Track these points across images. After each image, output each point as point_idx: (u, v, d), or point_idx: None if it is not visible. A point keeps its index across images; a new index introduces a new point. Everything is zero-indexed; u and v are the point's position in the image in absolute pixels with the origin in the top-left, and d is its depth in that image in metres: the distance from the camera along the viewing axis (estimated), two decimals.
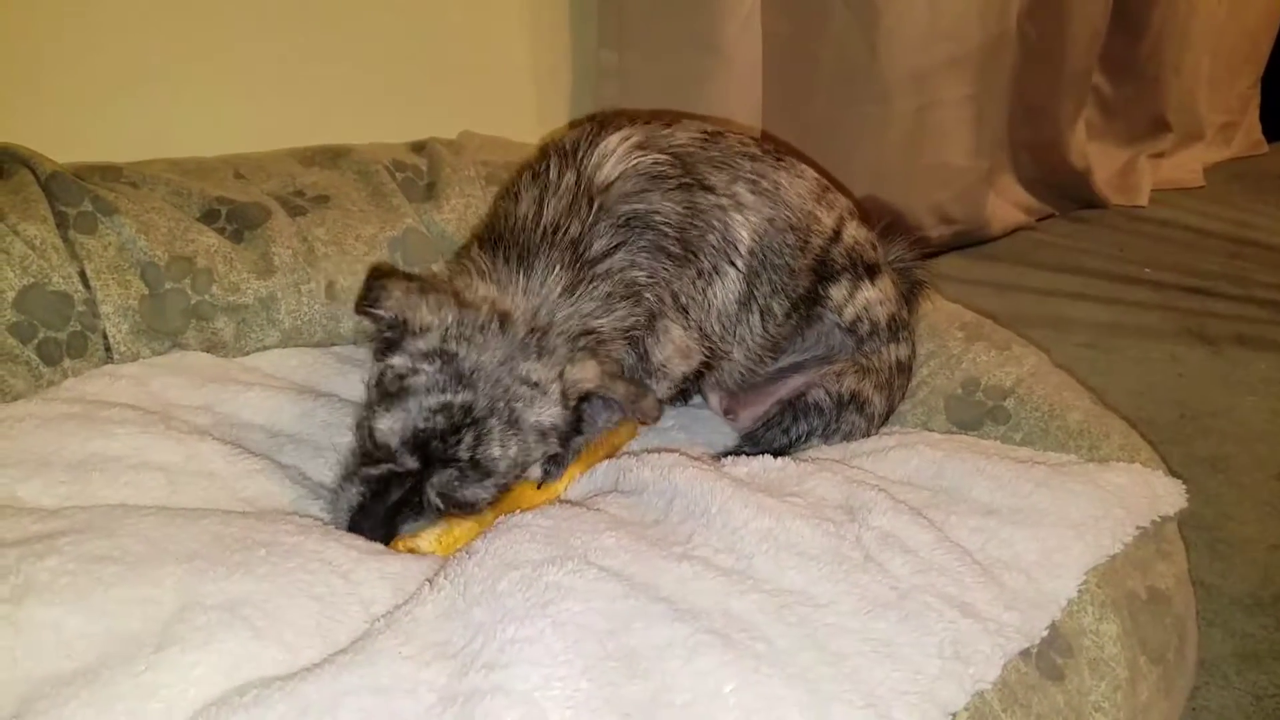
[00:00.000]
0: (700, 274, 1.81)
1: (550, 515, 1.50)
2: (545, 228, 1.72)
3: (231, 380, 1.87)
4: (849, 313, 1.93)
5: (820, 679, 1.20)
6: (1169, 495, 1.70)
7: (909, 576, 1.37)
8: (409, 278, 1.67)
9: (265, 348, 2.04)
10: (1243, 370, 3.46)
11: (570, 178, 1.76)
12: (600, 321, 1.71)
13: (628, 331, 1.75)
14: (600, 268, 1.71)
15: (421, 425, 1.51)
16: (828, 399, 1.89)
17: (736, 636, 1.23)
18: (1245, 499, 2.68)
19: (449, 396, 1.51)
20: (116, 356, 1.86)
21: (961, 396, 2.00)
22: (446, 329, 1.56)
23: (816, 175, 1.98)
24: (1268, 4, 5.73)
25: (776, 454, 1.78)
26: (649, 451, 1.75)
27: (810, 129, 3.60)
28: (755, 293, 1.86)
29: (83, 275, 1.85)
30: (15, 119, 2.17)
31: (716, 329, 1.86)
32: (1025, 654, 1.34)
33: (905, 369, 2.00)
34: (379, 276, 1.65)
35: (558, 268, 1.70)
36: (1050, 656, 1.36)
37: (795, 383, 1.96)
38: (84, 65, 2.28)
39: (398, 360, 1.55)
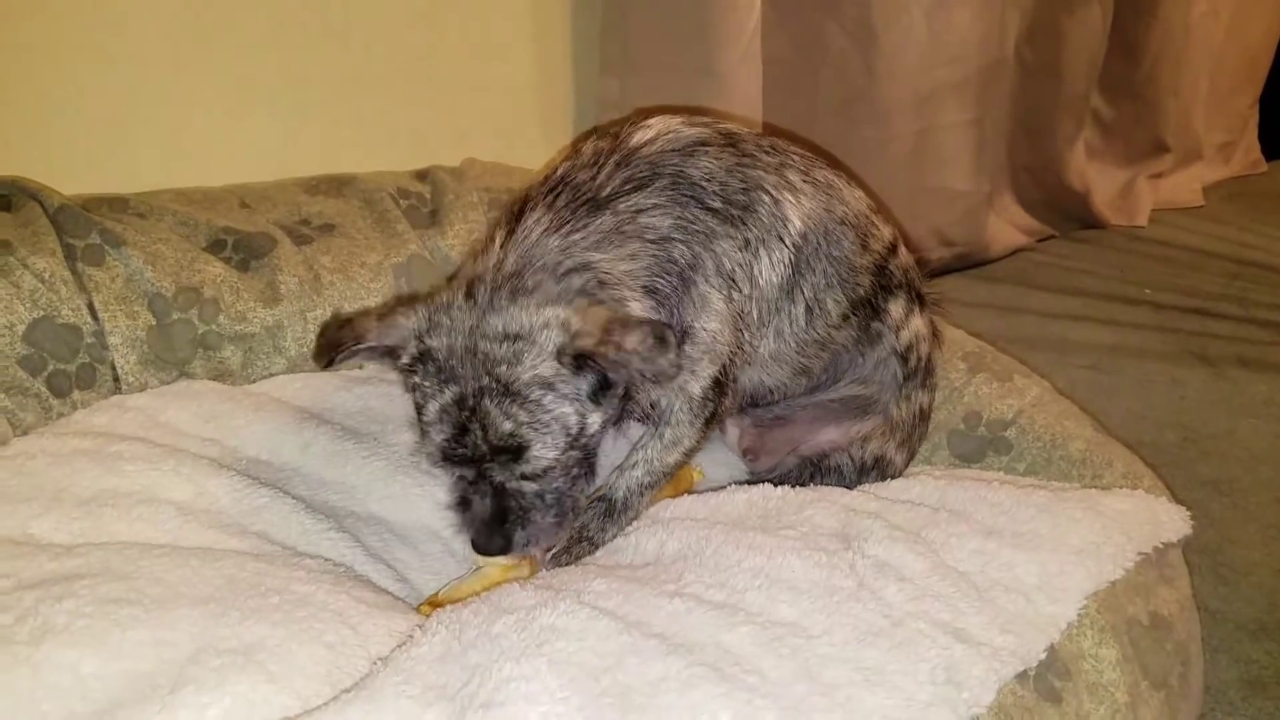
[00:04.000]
0: (748, 244, 1.58)
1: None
2: (552, 182, 1.55)
3: (237, 409, 1.88)
4: (905, 336, 1.81)
5: (813, 709, 1.21)
6: (1172, 522, 1.70)
7: (903, 604, 1.38)
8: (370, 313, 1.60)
9: (272, 375, 2.05)
10: (1244, 392, 3.46)
11: (603, 145, 1.61)
12: (599, 256, 1.47)
13: (644, 279, 1.50)
14: (607, 207, 1.50)
15: (439, 440, 1.43)
16: (850, 464, 1.83)
17: (729, 670, 1.23)
18: (1248, 523, 2.67)
19: (442, 398, 1.42)
20: (124, 387, 1.88)
21: (964, 431, 2.01)
22: (419, 329, 1.47)
23: (864, 195, 1.85)
24: (1266, 24, 5.77)
25: None
26: None
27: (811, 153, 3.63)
28: (803, 282, 1.66)
29: (91, 307, 1.87)
30: (24, 152, 2.19)
31: (754, 315, 1.64)
32: (1022, 677, 1.35)
33: (926, 417, 1.94)
34: (341, 326, 1.57)
35: (548, 211, 1.50)
36: (1048, 679, 1.36)
37: (822, 438, 1.87)
38: (91, 99, 2.30)
39: (407, 378, 1.49)
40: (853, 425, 1.86)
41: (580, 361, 1.40)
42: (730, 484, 1.81)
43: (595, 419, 1.46)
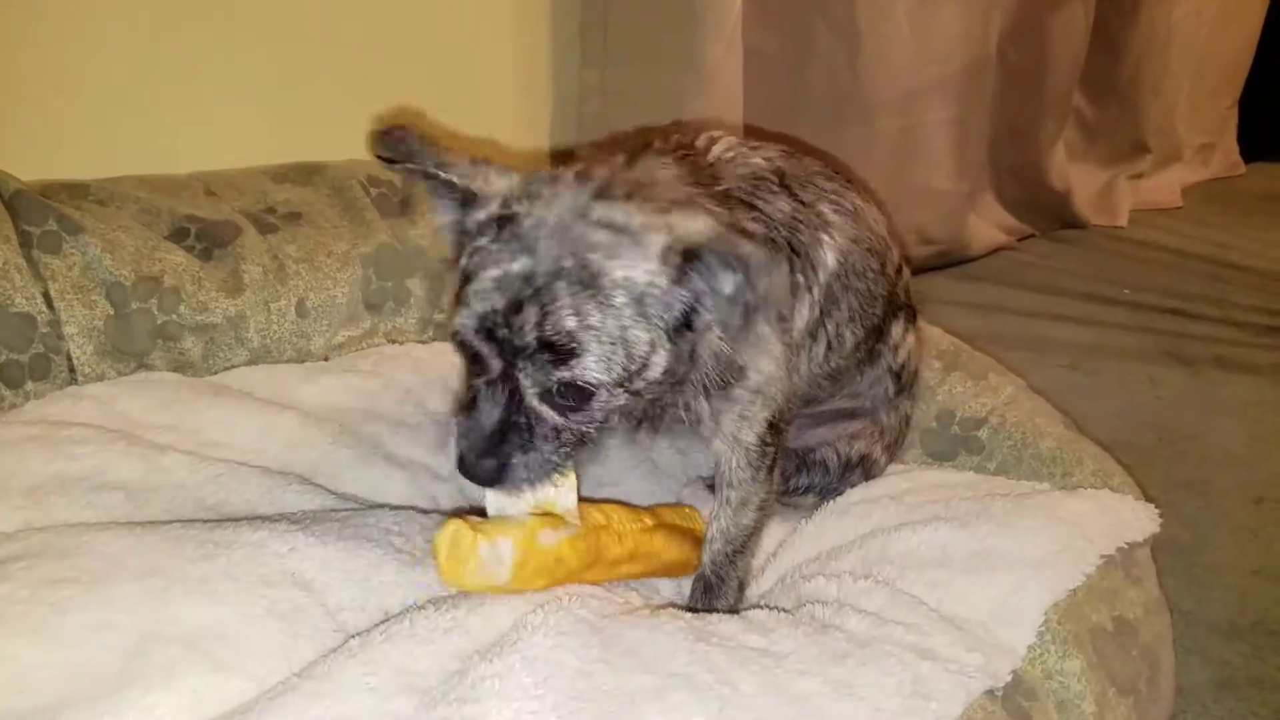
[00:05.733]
0: (796, 289, 1.55)
1: None
2: (667, 146, 1.52)
3: (197, 396, 1.84)
4: (901, 355, 1.83)
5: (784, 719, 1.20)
6: (1138, 521, 1.68)
7: (867, 630, 1.38)
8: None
9: (233, 367, 2.02)
10: (1221, 392, 3.47)
11: (685, 140, 1.57)
12: (720, 211, 1.37)
13: None
14: (722, 202, 1.43)
15: (481, 309, 1.24)
16: (835, 459, 1.82)
17: (702, 678, 1.23)
18: (1223, 523, 2.67)
19: (508, 266, 1.22)
20: (81, 378, 1.84)
21: (937, 430, 2.00)
22: (509, 193, 1.29)
23: (881, 212, 1.82)
24: (1246, 27, 5.80)
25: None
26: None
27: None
28: (827, 320, 1.63)
29: (46, 296, 1.82)
30: (10, 132, 2.14)
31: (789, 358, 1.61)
32: (991, 695, 1.33)
33: (909, 422, 1.95)
34: (423, 139, 1.34)
35: (677, 165, 1.44)
36: (1015, 699, 1.35)
37: (809, 437, 1.85)
38: (57, 82, 2.25)
39: (468, 243, 1.30)
40: (841, 425, 1.86)
41: (687, 261, 1.23)
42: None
43: (661, 359, 1.29)
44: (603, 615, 1.34)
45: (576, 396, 1.28)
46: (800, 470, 1.82)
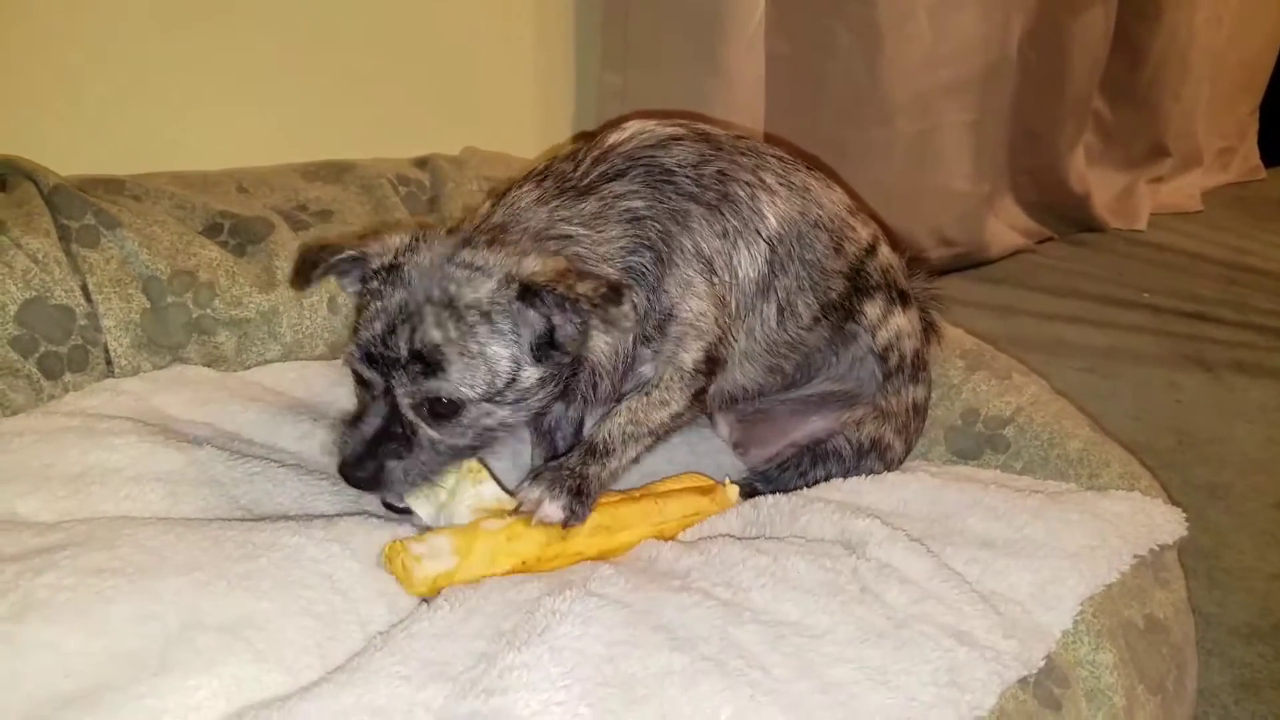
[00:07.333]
0: (725, 233, 1.63)
1: None
2: (538, 171, 1.67)
3: (232, 397, 1.86)
4: (882, 336, 1.82)
5: (815, 707, 1.20)
6: (1168, 524, 1.69)
7: (906, 606, 1.37)
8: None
9: (266, 361, 2.03)
10: (1240, 397, 3.47)
11: (582, 146, 1.70)
12: (579, 230, 1.56)
13: (621, 259, 1.57)
14: (591, 194, 1.59)
15: (364, 336, 1.46)
16: (848, 446, 1.83)
17: (733, 664, 1.23)
18: (1244, 527, 2.68)
19: (388, 300, 1.46)
20: (117, 370, 1.86)
21: (961, 427, 2.00)
22: (397, 248, 1.52)
23: (844, 195, 1.86)
24: (1267, 32, 5.78)
25: None
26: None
27: (812, 150, 3.62)
28: (776, 283, 1.69)
29: (85, 289, 1.85)
30: (19, 132, 2.17)
31: (733, 306, 1.67)
32: (1023, 682, 1.34)
33: (921, 411, 1.94)
34: (322, 247, 1.58)
35: (536, 188, 1.62)
36: (1047, 686, 1.35)
37: (813, 427, 1.88)
38: (90, 78, 2.29)
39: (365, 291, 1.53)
40: (841, 414, 1.87)
41: (526, 295, 1.44)
42: (737, 481, 1.78)
43: (531, 372, 1.48)
44: (631, 588, 1.34)
45: (446, 409, 1.46)
46: (815, 463, 1.84)
